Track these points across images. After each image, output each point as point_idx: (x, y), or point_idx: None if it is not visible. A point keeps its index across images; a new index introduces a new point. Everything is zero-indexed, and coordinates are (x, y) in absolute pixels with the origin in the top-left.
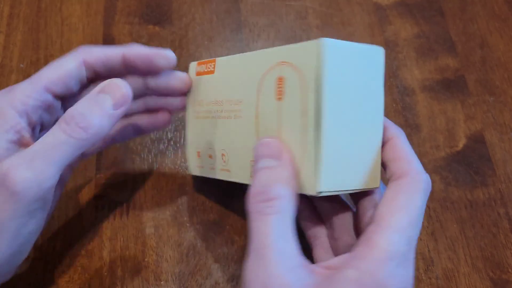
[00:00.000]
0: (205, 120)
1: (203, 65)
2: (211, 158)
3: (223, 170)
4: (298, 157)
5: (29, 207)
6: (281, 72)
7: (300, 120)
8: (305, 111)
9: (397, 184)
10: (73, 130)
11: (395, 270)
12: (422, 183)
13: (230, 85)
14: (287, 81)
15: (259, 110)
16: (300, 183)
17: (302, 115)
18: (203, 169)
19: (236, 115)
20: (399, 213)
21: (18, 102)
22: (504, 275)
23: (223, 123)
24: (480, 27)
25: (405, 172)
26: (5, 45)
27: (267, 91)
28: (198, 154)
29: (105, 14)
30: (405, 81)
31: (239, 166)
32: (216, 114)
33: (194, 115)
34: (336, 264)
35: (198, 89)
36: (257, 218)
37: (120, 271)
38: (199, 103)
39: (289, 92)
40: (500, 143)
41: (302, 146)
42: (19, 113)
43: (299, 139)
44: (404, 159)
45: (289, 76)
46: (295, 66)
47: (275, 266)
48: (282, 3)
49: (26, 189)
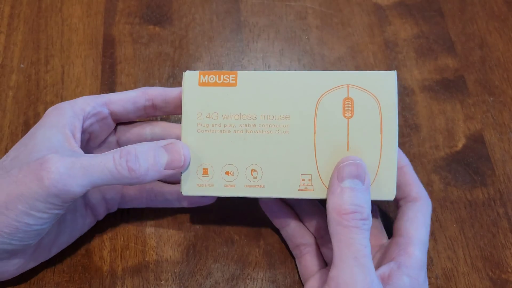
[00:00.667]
0: (220, 134)
1: (213, 76)
2: (229, 175)
3: (252, 186)
4: (370, 167)
5: (47, 198)
6: (349, 94)
7: (377, 136)
8: (380, 128)
9: (415, 205)
10: (120, 165)
11: (425, 274)
12: (430, 206)
13: (268, 100)
14: (358, 102)
15: (319, 125)
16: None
17: (379, 131)
18: (211, 188)
19: (280, 130)
20: (421, 229)
21: (78, 106)
22: (504, 274)
23: (256, 138)
24: (480, 27)
25: (418, 196)
26: (5, 45)
27: (332, 109)
28: (205, 171)
29: (106, 14)
30: (405, 81)
31: (281, 180)
32: (242, 128)
33: (197, 128)
34: (386, 272)
35: (205, 101)
36: (356, 232)
37: (121, 271)
38: (208, 115)
39: (361, 111)
40: (499, 143)
41: (376, 157)
42: (76, 115)
43: (372, 151)
44: (417, 185)
45: (360, 98)
46: (367, 90)
47: (374, 274)
48: (282, 3)
49: (53, 181)
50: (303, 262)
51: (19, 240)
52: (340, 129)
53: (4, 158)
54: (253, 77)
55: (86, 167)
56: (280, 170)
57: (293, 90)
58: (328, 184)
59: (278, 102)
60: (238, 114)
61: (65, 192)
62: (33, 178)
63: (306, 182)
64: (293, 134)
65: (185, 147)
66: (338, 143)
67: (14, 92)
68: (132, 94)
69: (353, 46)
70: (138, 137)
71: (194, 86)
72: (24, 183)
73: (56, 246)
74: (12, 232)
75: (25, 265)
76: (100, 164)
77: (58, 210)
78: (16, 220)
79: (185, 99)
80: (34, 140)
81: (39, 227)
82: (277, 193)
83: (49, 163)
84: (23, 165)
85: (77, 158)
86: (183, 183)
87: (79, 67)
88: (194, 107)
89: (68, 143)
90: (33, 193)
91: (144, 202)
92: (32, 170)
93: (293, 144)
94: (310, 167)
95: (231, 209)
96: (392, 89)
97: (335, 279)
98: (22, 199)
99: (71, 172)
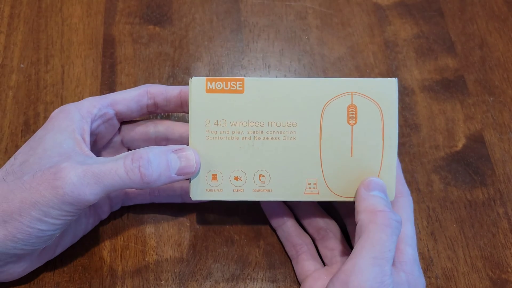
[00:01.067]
0: (229, 141)
1: (219, 83)
2: (238, 180)
3: (260, 191)
4: (373, 170)
5: (61, 206)
6: (352, 101)
7: (379, 141)
8: (382, 134)
9: (398, 202)
10: (132, 171)
11: (419, 267)
12: (411, 201)
13: (275, 107)
14: (361, 108)
15: (324, 132)
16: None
17: (381, 137)
18: (220, 193)
19: (287, 136)
20: (407, 225)
21: (84, 109)
22: (504, 274)
23: (264, 144)
24: (480, 27)
25: (400, 192)
26: (5, 45)
27: (336, 116)
28: (214, 177)
29: (106, 14)
30: (405, 81)
31: (288, 184)
32: (250, 135)
33: (205, 135)
34: None
35: (212, 107)
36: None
37: (121, 271)
38: (216, 122)
39: (364, 118)
40: (499, 143)
41: (377, 161)
42: (84, 118)
43: (374, 156)
44: (399, 182)
45: (363, 105)
46: (370, 98)
47: (389, 279)
48: (282, 3)
49: (67, 190)
50: (300, 262)
51: (31, 245)
52: (344, 135)
53: (12, 162)
54: (260, 84)
55: (98, 175)
56: (287, 175)
57: (299, 97)
58: (332, 188)
59: (285, 109)
60: (246, 121)
61: (79, 201)
62: (47, 186)
63: (312, 186)
64: (299, 141)
65: (196, 153)
66: (343, 148)
67: (14, 92)
68: (135, 92)
69: (353, 46)
70: (142, 136)
71: (202, 93)
72: (38, 191)
73: (60, 246)
74: (25, 238)
75: (32, 266)
76: (111, 171)
77: (71, 217)
78: (29, 226)
79: (192, 105)
80: (43, 144)
81: (52, 232)
82: (284, 196)
83: (63, 173)
84: (35, 172)
85: (88, 166)
86: (192, 188)
87: (79, 67)
88: (202, 114)
89: (79, 147)
90: (47, 201)
91: (148, 198)
92: (45, 179)
93: (299, 150)
94: (316, 172)
95: (231, 209)
96: (393, 96)
97: (347, 272)
98: (37, 207)
99: (84, 181)
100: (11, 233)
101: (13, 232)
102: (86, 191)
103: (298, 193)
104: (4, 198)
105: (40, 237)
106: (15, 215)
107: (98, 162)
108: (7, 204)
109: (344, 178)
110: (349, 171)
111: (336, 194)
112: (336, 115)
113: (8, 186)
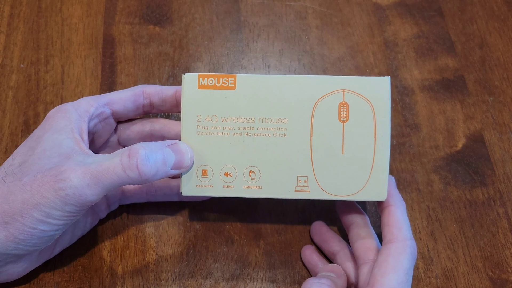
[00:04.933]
0: (220, 136)
1: (212, 79)
2: (228, 176)
3: (250, 187)
4: (364, 169)
5: (64, 207)
6: (344, 99)
7: (371, 140)
8: (374, 132)
9: (387, 248)
10: (130, 168)
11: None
12: (408, 248)
13: (266, 104)
14: (353, 106)
15: (315, 129)
16: (367, 192)
17: (372, 135)
18: (210, 188)
19: (277, 133)
20: (390, 275)
21: (82, 108)
22: (503, 274)
23: (255, 140)
24: (480, 27)
25: (394, 238)
26: (5, 45)
27: (328, 113)
28: (204, 172)
29: (106, 14)
30: (405, 81)
31: (278, 181)
32: (241, 131)
33: (196, 130)
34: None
35: (204, 103)
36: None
37: (121, 271)
38: (207, 118)
39: (355, 116)
40: (499, 143)
41: (369, 160)
42: (82, 117)
43: (366, 154)
44: (395, 226)
45: (355, 102)
46: (362, 95)
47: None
48: (282, 3)
49: (69, 191)
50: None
51: (32, 246)
52: (335, 133)
53: (11, 162)
54: (252, 81)
55: (97, 176)
56: (277, 172)
57: (290, 94)
58: (323, 186)
59: (276, 106)
60: (237, 117)
61: (81, 202)
62: (49, 188)
63: (303, 184)
64: (290, 137)
65: (188, 147)
66: (334, 146)
67: (14, 92)
68: (131, 92)
69: (353, 46)
70: (138, 135)
71: (194, 89)
72: (39, 193)
73: (59, 246)
74: (26, 238)
75: (31, 266)
76: (109, 170)
77: (73, 217)
78: (31, 227)
79: (184, 101)
80: (42, 144)
81: (53, 233)
82: (274, 194)
83: (63, 175)
84: (36, 173)
85: (87, 167)
86: (183, 184)
87: (79, 67)
88: (193, 110)
89: (79, 146)
90: (50, 202)
91: (144, 197)
92: (46, 181)
93: (290, 147)
94: (306, 169)
95: (231, 209)
96: (385, 94)
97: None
98: (39, 208)
99: (84, 183)
100: (12, 234)
101: (14, 233)
102: (87, 192)
103: (288, 191)
104: (5, 199)
105: (42, 238)
106: (16, 216)
107: (96, 161)
108: (8, 205)
109: (335, 176)
110: (340, 169)
111: (326, 192)
112: (328, 112)
113: (8, 187)
